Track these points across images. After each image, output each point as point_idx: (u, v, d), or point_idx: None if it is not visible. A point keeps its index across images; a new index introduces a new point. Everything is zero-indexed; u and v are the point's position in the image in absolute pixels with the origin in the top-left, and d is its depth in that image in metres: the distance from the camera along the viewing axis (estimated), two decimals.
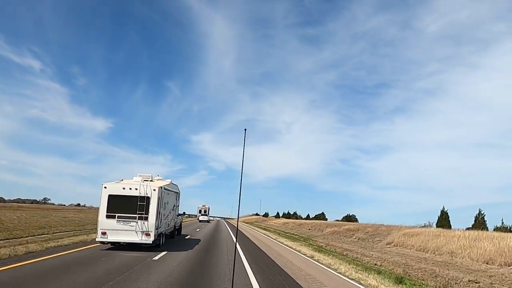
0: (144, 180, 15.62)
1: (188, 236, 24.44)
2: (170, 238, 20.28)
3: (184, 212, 40.04)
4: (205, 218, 67.88)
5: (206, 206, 79.42)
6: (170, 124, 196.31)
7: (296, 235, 41.52)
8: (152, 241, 14.48)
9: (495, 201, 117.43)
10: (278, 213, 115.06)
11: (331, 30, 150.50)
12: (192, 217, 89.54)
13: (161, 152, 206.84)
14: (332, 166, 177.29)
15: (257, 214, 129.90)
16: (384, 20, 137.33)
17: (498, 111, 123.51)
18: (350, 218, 70.24)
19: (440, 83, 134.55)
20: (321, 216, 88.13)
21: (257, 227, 61.36)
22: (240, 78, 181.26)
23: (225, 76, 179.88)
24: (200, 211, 78.16)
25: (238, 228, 8.65)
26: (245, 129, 5.05)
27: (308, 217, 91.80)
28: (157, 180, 17.90)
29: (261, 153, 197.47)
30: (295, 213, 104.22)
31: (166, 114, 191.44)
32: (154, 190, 14.79)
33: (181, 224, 25.13)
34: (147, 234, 14.44)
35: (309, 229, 49.18)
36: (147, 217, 14.48)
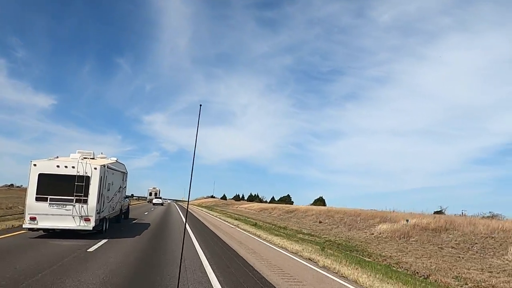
0: (84, 158, 13.52)
1: (136, 220, 22.51)
2: (116, 222, 18.32)
3: (132, 194, 37.66)
4: (159, 201, 65.24)
5: (157, 189, 76.67)
6: (120, 102, 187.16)
7: (316, 236, 25.05)
8: (93, 227, 12.58)
9: (434, 184, 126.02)
10: (238, 196, 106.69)
11: (288, 13, 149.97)
12: (141, 199, 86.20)
13: (111, 132, 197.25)
14: (285, 150, 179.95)
15: (212, 197, 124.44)
16: (339, 7, 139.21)
17: (440, 100, 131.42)
18: (321, 202, 64.76)
19: (389, 72, 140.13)
20: (286, 199, 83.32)
21: (223, 214, 44.62)
22: (195, 58, 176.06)
23: (179, 55, 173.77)
24: (150, 194, 75.44)
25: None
26: (200, 105, 5.12)
27: (273, 200, 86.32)
28: (100, 158, 15.83)
29: (215, 135, 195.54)
30: (257, 195, 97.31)
31: (116, 92, 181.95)
32: (95, 168, 12.80)
33: (128, 207, 23.08)
34: (87, 219, 12.51)
35: (320, 222, 31.90)
36: (87, 199, 12.52)
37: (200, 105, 5.21)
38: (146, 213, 32.36)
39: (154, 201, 65.10)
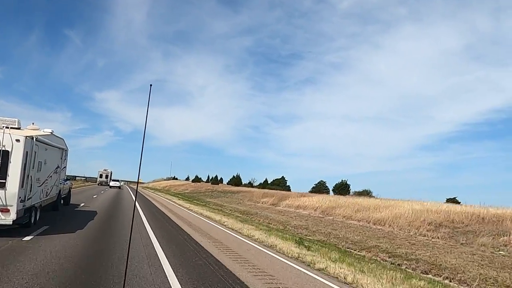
0: (2, 126, 9.91)
1: (80, 207, 18.87)
2: (52, 210, 14.79)
3: (74, 177, 33.20)
4: (117, 183, 60.05)
5: (108, 171, 71.54)
6: (70, 77, 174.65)
7: None
8: (13, 221, 9.20)
9: (384, 169, 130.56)
10: (216, 178, 79.45)
11: None
12: (90, 181, 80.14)
13: (59, 109, 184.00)
14: (243, 132, 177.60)
15: (175, 178, 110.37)
16: None
17: (392, 89, 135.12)
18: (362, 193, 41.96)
19: (346, 59, 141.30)
20: (280, 182, 62.35)
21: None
22: (151, 34, 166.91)
23: (135, 31, 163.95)
24: (101, 176, 70.56)
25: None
26: (151, 85, 4.54)
27: (265, 184, 62.14)
28: (30, 129, 12.15)
29: (171, 116, 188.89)
30: (238, 176, 73.23)
31: (66, 67, 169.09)
32: (18, 140, 9.34)
33: (69, 192, 19.32)
34: (4, 210, 9.10)
35: None
36: (4, 183, 9.09)
37: (151, 85, 4.76)
38: (86, 201, 28.46)
39: (111, 183, 60.26)
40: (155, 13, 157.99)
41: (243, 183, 69.92)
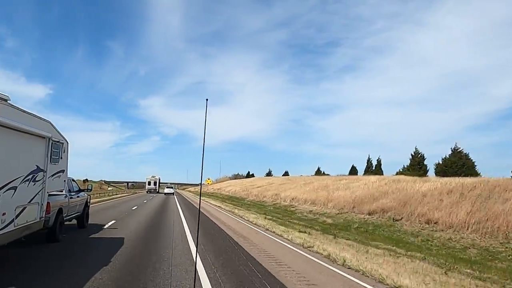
0: None
1: (101, 231, 12.64)
2: (49, 242, 8.79)
3: (86, 180, 28.51)
4: (170, 190, 60.19)
5: (156, 177, 69.88)
6: (115, 88, 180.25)
7: None
8: None
9: (432, 153, 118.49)
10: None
11: None
12: (138, 188, 76.94)
13: (109, 118, 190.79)
14: (284, 127, 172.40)
15: (250, 175, 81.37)
16: None
17: (437, 68, 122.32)
18: None
19: (387, 41, 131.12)
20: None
21: None
22: (188, 37, 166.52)
23: (172, 35, 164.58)
24: (149, 183, 69.44)
25: None
26: (207, 99, 4.57)
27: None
28: None
29: (213, 117, 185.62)
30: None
31: (111, 78, 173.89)
32: None
33: (86, 208, 13.12)
34: None
35: None
36: None
37: (207, 100, 4.63)
38: (118, 218, 22.72)
39: (166, 190, 60.05)
40: (190, 16, 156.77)
41: None
